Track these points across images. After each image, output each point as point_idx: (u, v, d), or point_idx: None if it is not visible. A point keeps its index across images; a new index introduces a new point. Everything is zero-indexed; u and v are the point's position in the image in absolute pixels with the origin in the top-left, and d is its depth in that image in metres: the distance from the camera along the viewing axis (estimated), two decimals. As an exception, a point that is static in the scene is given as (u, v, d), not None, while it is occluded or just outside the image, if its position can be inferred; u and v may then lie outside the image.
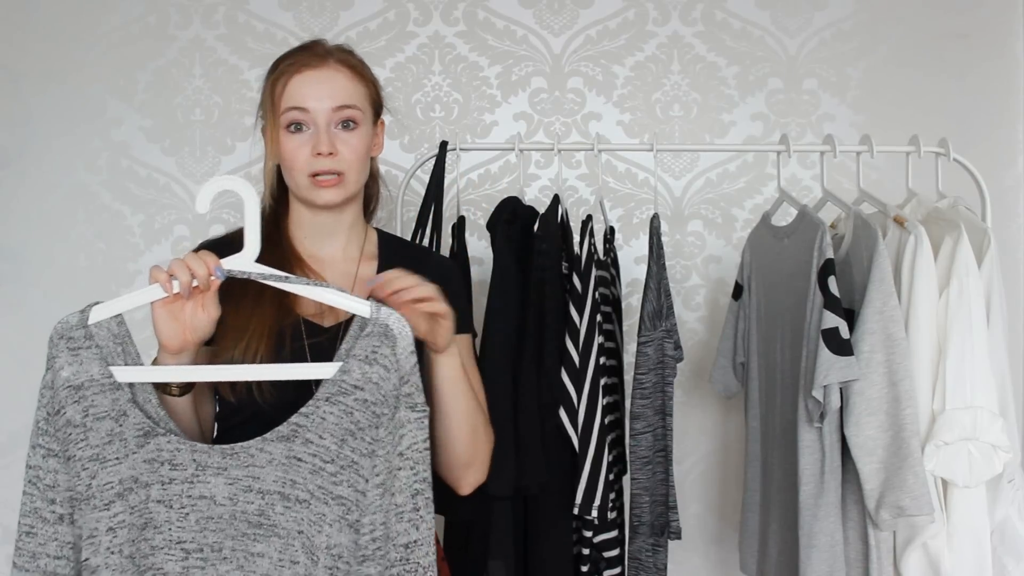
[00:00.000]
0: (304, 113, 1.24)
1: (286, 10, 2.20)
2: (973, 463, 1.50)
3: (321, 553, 1.06)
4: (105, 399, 1.08)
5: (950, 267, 1.54)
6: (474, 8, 2.21)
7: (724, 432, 2.24)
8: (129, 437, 1.08)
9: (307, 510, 1.07)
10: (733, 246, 2.23)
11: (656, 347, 1.65)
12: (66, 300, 2.16)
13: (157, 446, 1.08)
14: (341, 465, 1.07)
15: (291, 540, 1.08)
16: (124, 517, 1.08)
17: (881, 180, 2.19)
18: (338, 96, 1.25)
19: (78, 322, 1.11)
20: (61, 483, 1.09)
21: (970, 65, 2.26)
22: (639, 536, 1.68)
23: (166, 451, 1.08)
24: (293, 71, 1.25)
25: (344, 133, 1.25)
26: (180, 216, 2.19)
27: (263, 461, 1.08)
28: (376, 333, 1.08)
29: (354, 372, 1.07)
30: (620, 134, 2.23)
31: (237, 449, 1.08)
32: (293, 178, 1.26)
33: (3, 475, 2.18)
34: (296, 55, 1.28)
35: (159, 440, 1.08)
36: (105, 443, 1.08)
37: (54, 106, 2.17)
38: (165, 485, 1.09)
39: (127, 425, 1.08)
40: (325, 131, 1.24)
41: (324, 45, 1.29)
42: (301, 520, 1.07)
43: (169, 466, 1.09)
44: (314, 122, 1.24)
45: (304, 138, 1.24)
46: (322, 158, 1.23)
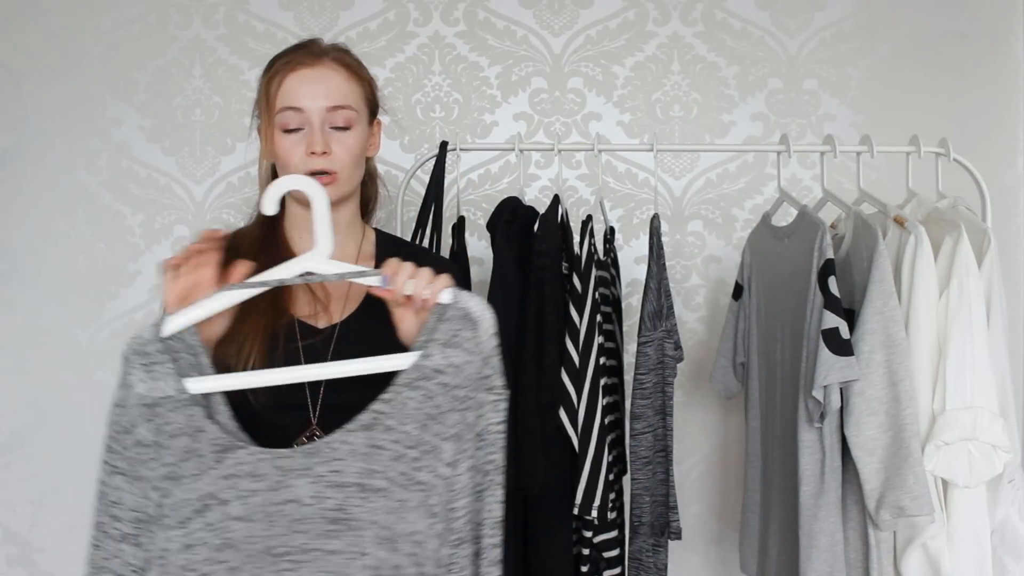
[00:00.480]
0: (298, 113, 1.23)
1: (286, 10, 2.20)
2: (973, 463, 1.50)
3: (403, 540, 1.05)
4: (180, 416, 1.06)
5: (950, 267, 1.54)
6: (474, 8, 2.21)
7: (724, 432, 2.24)
8: (206, 453, 1.05)
9: (385, 499, 1.06)
10: (733, 246, 2.23)
11: (656, 347, 1.65)
12: (66, 300, 2.18)
13: (237, 460, 1.06)
14: (423, 450, 1.06)
15: (362, 531, 1.06)
16: (202, 535, 1.05)
17: (881, 180, 2.19)
18: (333, 96, 1.25)
19: (152, 336, 1.08)
20: (126, 502, 1.07)
21: (970, 65, 2.26)
22: (639, 536, 1.68)
23: (247, 464, 1.06)
24: (288, 70, 1.25)
25: (338, 133, 1.25)
26: (180, 216, 2.19)
27: (345, 453, 1.06)
28: (456, 317, 1.08)
29: (435, 356, 1.07)
30: (620, 134, 2.23)
31: (319, 446, 1.06)
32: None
33: (3, 475, 2.18)
34: (291, 54, 1.27)
35: (238, 454, 1.06)
36: (181, 460, 1.05)
37: (54, 106, 2.17)
38: (244, 499, 1.05)
39: (204, 441, 1.05)
40: (319, 131, 1.23)
41: (320, 44, 1.29)
42: (376, 510, 1.06)
43: (250, 479, 1.06)
44: (308, 121, 1.24)
45: (298, 138, 1.24)
46: (316, 157, 1.23)
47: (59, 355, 2.17)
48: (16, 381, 2.17)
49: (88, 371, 2.17)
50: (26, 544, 2.18)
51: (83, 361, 2.17)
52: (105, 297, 2.18)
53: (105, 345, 2.17)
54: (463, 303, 1.08)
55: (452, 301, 1.09)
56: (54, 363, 2.17)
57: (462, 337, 1.07)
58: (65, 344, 2.17)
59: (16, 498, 2.18)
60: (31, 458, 2.18)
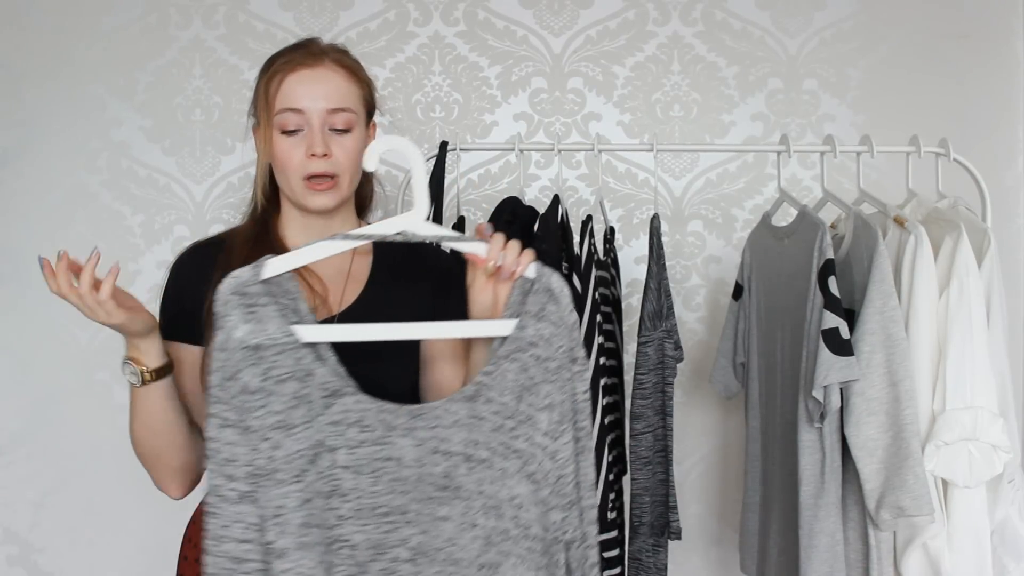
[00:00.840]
0: (298, 114, 1.22)
1: (286, 10, 2.20)
2: (973, 463, 1.50)
3: (506, 506, 1.08)
4: (288, 358, 1.01)
5: (950, 267, 1.54)
6: (474, 8, 2.21)
7: (724, 432, 2.24)
8: (315, 398, 1.01)
9: (489, 469, 1.08)
10: (733, 246, 2.23)
11: (656, 347, 1.65)
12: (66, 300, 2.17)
13: (344, 407, 1.02)
14: (519, 420, 1.08)
15: (472, 502, 1.07)
16: (317, 486, 1.01)
17: (881, 180, 2.19)
18: (333, 98, 1.24)
19: (251, 277, 1.03)
20: (240, 457, 1.00)
21: (970, 65, 2.26)
22: (639, 536, 1.68)
23: (354, 412, 1.03)
24: (287, 70, 1.23)
25: (338, 136, 1.24)
26: (180, 216, 2.19)
27: (449, 422, 1.07)
28: (541, 291, 1.10)
29: (528, 329, 1.09)
30: (620, 134, 2.23)
31: (425, 410, 1.06)
32: (287, 179, 1.25)
33: (3, 475, 2.18)
34: (290, 54, 1.26)
35: (346, 400, 1.02)
36: (290, 408, 1.00)
37: (54, 106, 2.17)
38: (352, 449, 1.02)
39: (313, 385, 1.01)
40: (319, 132, 1.22)
41: (319, 44, 1.28)
42: (482, 480, 1.07)
43: (357, 428, 1.03)
44: (308, 123, 1.23)
45: (298, 139, 1.23)
46: (316, 159, 1.22)
47: (59, 355, 2.17)
48: (16, 381, 2.17)
49: (88, 371, 2.17)
50: (26, 544, 2.18)
51: (83, 361, 2.17)
52: (105, 297, 2.18)
53: (105, 345, 2.17)
54: (546, 278, 1.11)
55: (536, 275, 1.11)
56: (54, 363, 2.17)
57: (548, 311, 1.09)
58: (65, 344, 2.17)
59: (16, 498, 2.18)
60: (31, 458, 2.18)
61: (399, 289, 1.28)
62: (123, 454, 2.20)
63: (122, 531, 2.17)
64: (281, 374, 1.01)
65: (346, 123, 1.24)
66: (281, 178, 1.27)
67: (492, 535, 1.07)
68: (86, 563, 2.18)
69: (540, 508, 1.09)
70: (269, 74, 1.25)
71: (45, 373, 2.17)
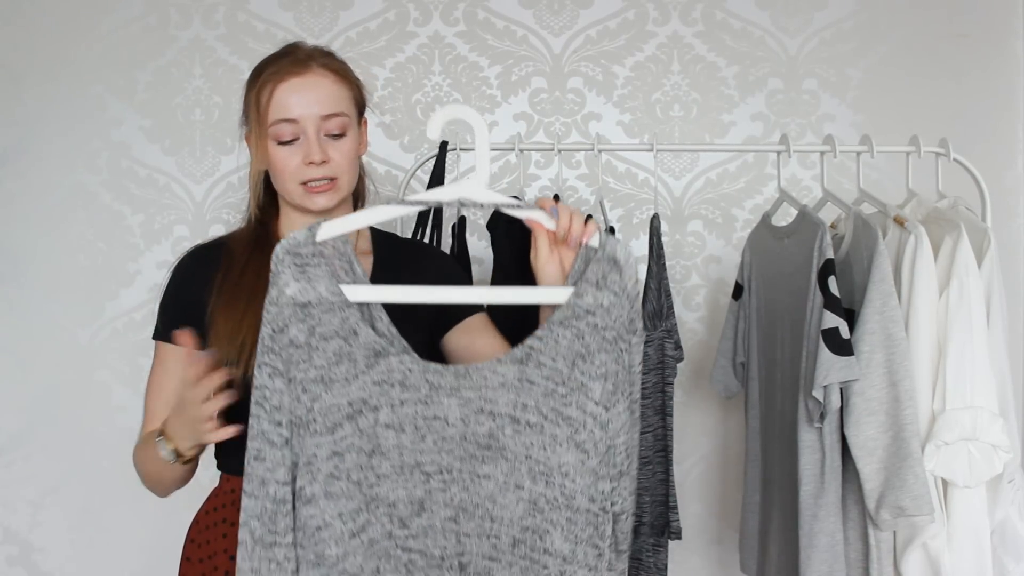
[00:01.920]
0: (293, 124, 1.23)
1: (286, 10, 2.20)
2: (973, 463, 1.50)
3: (555, 473, 1.07)
4: (334, 318, 1.06)
5: (950, 267, 1.54)
6: (474, 8, 2.21)
7: (724, 432, 2.24)
8: (359, 357, 1.06)
9: (539, 434, 1.08)
10: (733, 246, 2.23)
11: (656, 347, 1.65)
12: (66, 300, 2.18)
13: (388, 367, 1.06)
14: (571, 387, 1.07)
15: (518, 464, 1.08)
16: (353, 441, 1.06)
17: (881, 180, 2.19)
18: (325, 104, 1.24)
19: (305, 239, 1.07)
20: (285, 405, 1.06)
21: (970, 65, 2.26)
22: (639, 536, 1.68)
23: (397, 372, 1.06)
24: (277, 80, 1.24)
25: (334, 140, 1.25)
26: (180, 216, 2.19)
27: (495, 383, 1.08)
28: (605, 259, 1.08)
29: (587, 297, 1.07)
30: (620, 134, 2.23)
31: (471, 370, 1.08)
32: (285, 185, 1.26)
33: (3, 475, 2.18)
34: (277, 62, 1.26)
35: (390, 361, 1.06)
36: (333, 364, 1.06)
37: (54, 106, 2.17)
38: (395, 408, 1.06)
39: (357, 345, 1.05)
40: (316, 140, 1.23)
41: (304, 48, 1.28)
42: (531, 444, 1.08)
43: (400, 388, 1.06)
44: (303, 131, 1.23)
45: (294, 148, 1.23)
46: (314, 167, 1.23)
47: (59, 355, 2.17)
48: (16, 381, 2.17)
49: (88, 371, 2.17)
50: (26, 544, 2.19)
51: (83, 361, 2.17)
52: (105, 297, 2.18)
53: (105, 345, 2.17)
54: (610, 247, 1.09)
55: (600, 244, 1.10)
56: (54, 363, 2.17)
57: (610, 280, 1.08)
58: (65, 344, 2.17)
59: (16, 498, 2.18)
60: (31, 458, 2.18)
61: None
62: (123, 454, 2.20)
63: (122, 531, 2.17)
64: (326, 332, 1.06)
65: (340, 127, 1.25)
66: (279, 184, 1.27)
67: (539, 500, 1.07)
68: (86, 563, 2.18)
69: (589, 478, 1.07)
70: (259, 85, 1.25)
71: (45, 373, 2.17)
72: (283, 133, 1.23)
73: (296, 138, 1.23)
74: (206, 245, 1.35)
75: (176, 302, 1.30)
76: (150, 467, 1.24)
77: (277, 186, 1.28)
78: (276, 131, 1.23)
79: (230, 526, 1.23)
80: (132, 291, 2.18)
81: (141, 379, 1.21)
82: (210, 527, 1.27)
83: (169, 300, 1.31)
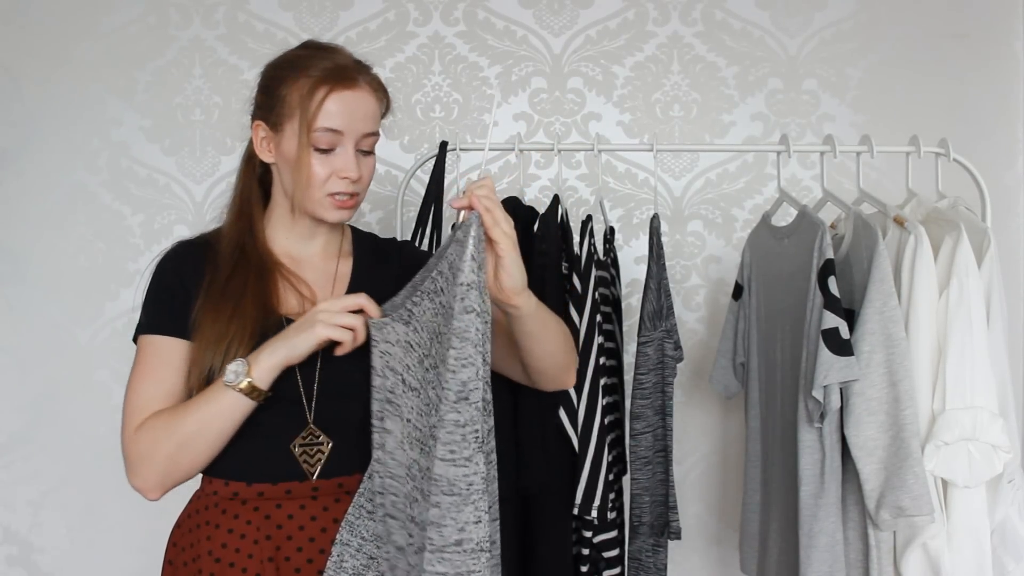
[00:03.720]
0: (336, 135, 1.21)
1: (286, 10, 2.20)
2: (973, 463, 1.50)
3: (433, 441, 1.06)
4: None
5: (950, 267, 1.54)
6: (474, 8, 2.21)
7: (724, 432, 2.24)
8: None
9: (417, 398, 1.08)
10: (733, 246, 2.23)
11: (656, 347, 1.65)
12: (66, 300, 2.18)
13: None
14: (432, 363, 1.08)
15: (405, 426, 1.09)
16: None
17: (881, 180, 2.19)
18: (369, 122, 1.24)
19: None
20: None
21: (970, 65, 2.25)
22: (639, 536, 1.68)
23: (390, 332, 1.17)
24: (331, 86, 1.20)
25: (365, 157, 1.25)
26: (180, 216, 2.19)
27: (394, 339, 1.10)
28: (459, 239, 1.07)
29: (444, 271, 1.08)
30: (620, 134, 2.22)
31: (385, 325, 1.15)
32: (307, 192, 1.23)
33: (3, 475, 2.18)
34: (321, 63, 1.22)
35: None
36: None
37: (54, 106, 2.17)
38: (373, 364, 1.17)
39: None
40: (353, 156, 1.22)
41: (350, 57, 1.26)
42: (412, 408, 1.08)
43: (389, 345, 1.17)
44: (342, 144, 1.22)
45: (329, 157, 1.22)
46: (347, 181, 1.23)
47: (59, 355, 2.17)
48: (16, 381, 2.17)
49: (88, 371, 2.17)
50: (26, 544, 2.19)
51: (83, 361, 2.17)
52: (105, 297, 2.18)
53: (105, 345, 2.17)
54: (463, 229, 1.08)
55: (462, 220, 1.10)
56: (54, 363, 2.17)
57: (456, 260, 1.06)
58: (65, 344, 2.17)
59: (16, 498, 2.18)
60: (31, 458, 2.18)
61: (380, 286, 1.28)
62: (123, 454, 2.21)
63: (122, 531, 2.17)
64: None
65: (371, 145, 1.26)
66: (300, 188, 1.23)
67: (412, 467, 1.09)
68: (86, 563, 2.18)
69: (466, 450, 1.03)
70: (310, 85, 1.21)
71: (45, 373, 2.17)
72: (322, 141, 1.21)
73: (332, 148, 1.21)
74: (188, 241, 1.34)
75: (162, 294, 1.27)
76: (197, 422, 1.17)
77: (295, 189, 1.24)
78: (318, 137, 1.20)
79: (214, 528, 1.23)
80: (132, 291, 2.17)
81: (141, 379, 1.20)
82: (193, 530, 1.26)
83: (154, 292, 1.28)
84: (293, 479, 1.22)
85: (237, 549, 1.20)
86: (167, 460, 1.19)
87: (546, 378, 1.30)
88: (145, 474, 1.20)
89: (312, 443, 1.23)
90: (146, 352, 1.25)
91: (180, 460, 1.19)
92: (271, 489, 1.22)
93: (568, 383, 1.34)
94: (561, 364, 1.29)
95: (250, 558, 1.20)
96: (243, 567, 1.20)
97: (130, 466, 1.21)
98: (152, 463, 1.19)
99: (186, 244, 1.33)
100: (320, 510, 1.23)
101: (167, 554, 1.31)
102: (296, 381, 1.22)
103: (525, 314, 1.17)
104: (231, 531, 1.21)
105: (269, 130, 1.26)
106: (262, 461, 1.23)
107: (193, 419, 1.17)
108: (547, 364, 1.27)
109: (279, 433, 1.23)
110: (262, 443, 1.22)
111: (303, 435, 1.23)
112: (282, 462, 1.23)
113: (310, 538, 1.22)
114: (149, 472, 1.20)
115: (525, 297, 1.16)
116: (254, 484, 1.22)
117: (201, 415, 1.17)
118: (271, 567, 1.20)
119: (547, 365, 1.27)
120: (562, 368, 1.30)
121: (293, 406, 1.23)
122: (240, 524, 1.22)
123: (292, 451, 1.23)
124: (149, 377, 1.23)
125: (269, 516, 1.22)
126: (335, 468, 1.24)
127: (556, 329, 1.26)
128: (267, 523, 1.21)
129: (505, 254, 1.11)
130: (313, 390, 1.23)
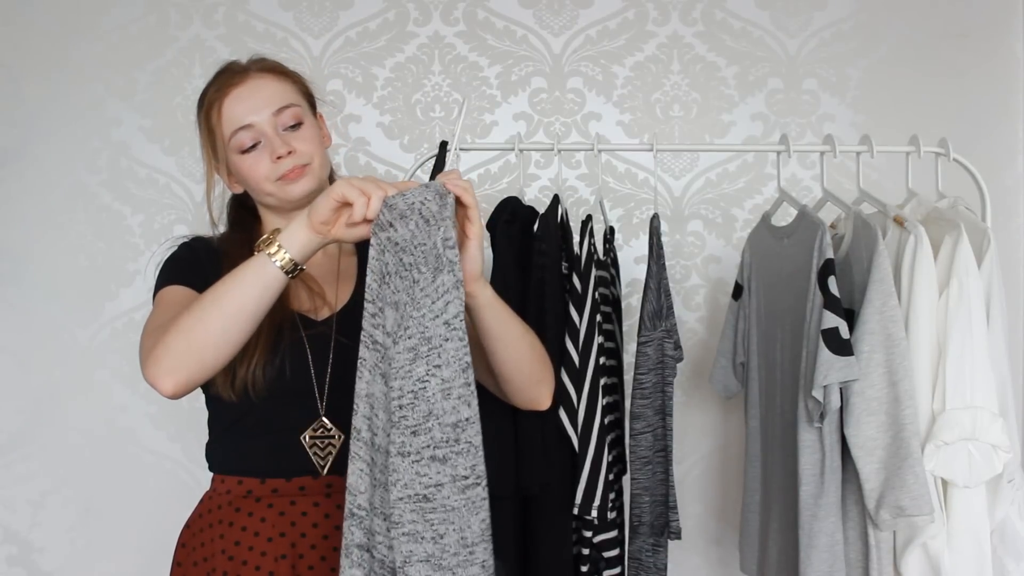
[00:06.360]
0: (250, 129, 1.25)
1: (286, 10, 2.20)
2: (973, 463, 1.50)
3: (360, 400, 0.99)
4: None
5: (950, 267, 1.54)
6: (474, 8, 2.21)
7: (724, 432, 2.24)
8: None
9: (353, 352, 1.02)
10: (733, 246, 2.23)
11: (656, 347, 1.65)
12: (66, 300, 2.17)
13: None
14: (379, 307, 1.00)
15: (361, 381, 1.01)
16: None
17: (881, 180, 2.19)
18: (272, 100, 1.26)
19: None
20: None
21: (970, 65, 2.25)
22: (639, 536, 1.68)
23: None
24: (220, 96, 1.26)
25: (293, 132, 1.27)
26: (180, 216, 2.19)
27: (366, 296, 1.05)
28: (432, 188, 1.00)
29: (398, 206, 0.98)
30: (620, 134, 2.22)
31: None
32: (262, 189, 1.27)
33: (3, 475, 2.18)
34: (216, 81, 1.29)
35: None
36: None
37: (54, 106, 2.17)
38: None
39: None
40: (276, 136, 1.25)
41: (239, 62, 1.32)
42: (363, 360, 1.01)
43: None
44: (262, 134, 1.25)
45: (258, 152, 1.25)
46: (283, 160, 1.24)
47: (59, 355, 2.17)
48: (16, 381, 2.17)
49: (88, 371, 2.17)
50: (26, 544, 2.18)
51: (83, 361, 2.17)
52: (105, 297, 2.18)
53: (105, 345, 2.17)
54: (442, 182, 1.04)
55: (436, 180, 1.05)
56: (54, 363, 2.17)
57: (427, 207, 1.00)
58: (65, 344, 2.17)
59: (16, 498, 2.18)
60: (31, 458, 2.18)
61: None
62: (123, 454, 2.21)
63: (122, 531, 2.17)
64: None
65: (295, 117, 1.27)
66: (257, 191, 1.29)
67: (371, 423, 1.00)
68: (86, 563, 2.18)
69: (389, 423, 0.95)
70: (205, 109, 1.28)
71: (45, 373, 2.17)
72: (244, 142, 1.25)
73: (257, 142, 1.25)
74: (206, 239, 1.39)
75: (181, 264, 1.29)
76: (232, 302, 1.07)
77: (256, 195, 1.30)
78: (237, 142, 1.25)
79: (227, 526, 1.23)
80: (132, 291, 2.18)
81: (141, 379, 1.17)
82: (204, 529, 1.27)
83: (172, 264, 1.30)
84: (306, 474, 1.23)
85: (251, 547, 1.21)
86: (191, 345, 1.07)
87: (515, 388, 1.26)
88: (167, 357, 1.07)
89: (323, 436, 1.24)
90: (164, 300, 1.22)
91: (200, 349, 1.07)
92: (285, 486, 1.23)
93: (542, 402, 1.29)
94: (529, 375, 1.25)
95: (264, 556, 1.20)
96: (256, 565, 1.20)
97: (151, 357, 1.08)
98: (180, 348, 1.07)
99: (203, 240, 1.37)
100: (334, 508, 1.23)
101: (176, 555, 1.32)
102: (308, 373, 1.22)
103: (481, 304, 1.15)
104: (244, 529, 1.22)
105: (219, 165, 1.31)
106: (274, 455, 1.23)
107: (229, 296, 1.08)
108: (513, 371, 1.23)
109: (291, 426, 1.23)
110: (274, 437, 1.23)
111: (314, 427, 1.23)
112: (294, 456, 1.23)
113: (324, 535, 1.22)
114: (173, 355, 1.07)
115: (481, 285, 1.14)
116: (268, 481, 1.23)
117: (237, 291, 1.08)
118: (285, 564, 1.20)
119: (514, 373, 1.24)
120: (533, 380, 1.26)
121: (304, 398, 1.23)
122: (254, 522, 1.22)
123: (303, 443, 1.23)
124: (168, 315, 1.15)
125: (284, 513, 1.22)
126: (346, 463, 1.24)
127: (520, 333, 1.23)
128: (281, 520, 1.22)
129: (475, 236, 1.10)
130: (325, 381, 1.23)
